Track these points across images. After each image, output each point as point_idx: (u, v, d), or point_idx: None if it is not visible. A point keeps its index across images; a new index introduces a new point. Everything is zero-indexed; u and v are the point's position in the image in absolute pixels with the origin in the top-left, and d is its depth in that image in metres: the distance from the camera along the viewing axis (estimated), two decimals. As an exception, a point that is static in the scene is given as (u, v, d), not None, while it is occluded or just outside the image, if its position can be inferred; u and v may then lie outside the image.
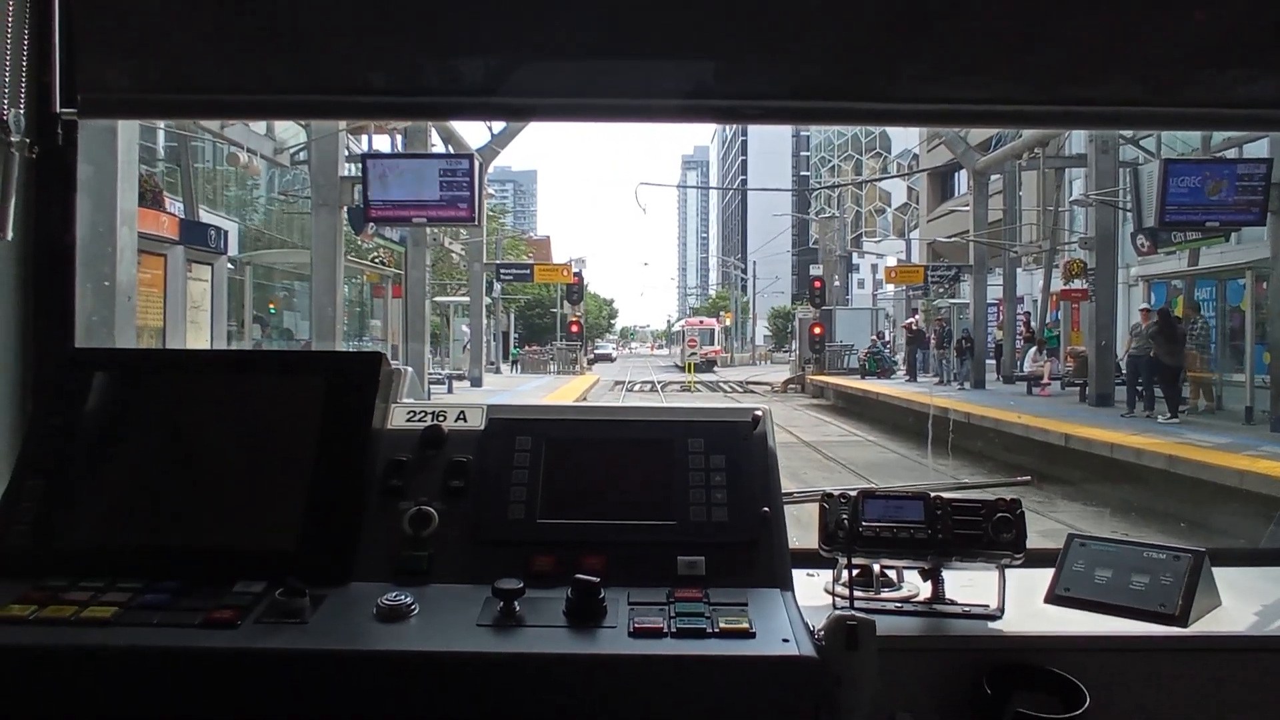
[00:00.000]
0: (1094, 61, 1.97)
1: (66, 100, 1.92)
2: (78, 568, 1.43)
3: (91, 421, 1.60)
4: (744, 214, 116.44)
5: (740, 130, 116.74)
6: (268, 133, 17.73)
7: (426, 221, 16.94)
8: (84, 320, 2.02)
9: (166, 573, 1.43)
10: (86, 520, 1.52)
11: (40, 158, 1.87)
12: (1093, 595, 1.77)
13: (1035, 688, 1.59)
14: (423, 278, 21.08)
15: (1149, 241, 18.00)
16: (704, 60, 1.98)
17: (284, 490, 1.53)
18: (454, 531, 1.54)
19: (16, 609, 1.33)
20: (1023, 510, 1.65)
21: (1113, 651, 1.66)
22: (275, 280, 23.97)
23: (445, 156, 17.59)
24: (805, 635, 1.32)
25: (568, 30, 1.95)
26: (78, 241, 1.98)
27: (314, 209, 17.12)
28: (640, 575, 1.46)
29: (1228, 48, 1.96)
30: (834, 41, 1.97)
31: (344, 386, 1.64)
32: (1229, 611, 1.77)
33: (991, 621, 1.69)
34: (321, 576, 1.43)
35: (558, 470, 1.61)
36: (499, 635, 1.32)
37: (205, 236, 17.20)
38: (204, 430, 1.64)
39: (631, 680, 1.28)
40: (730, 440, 1.65)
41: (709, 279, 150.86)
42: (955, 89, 2.01)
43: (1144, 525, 10.03)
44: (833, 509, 1.70)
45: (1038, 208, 26.58)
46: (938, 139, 31.60)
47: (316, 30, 1.95)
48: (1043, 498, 11.05)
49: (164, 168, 19.52)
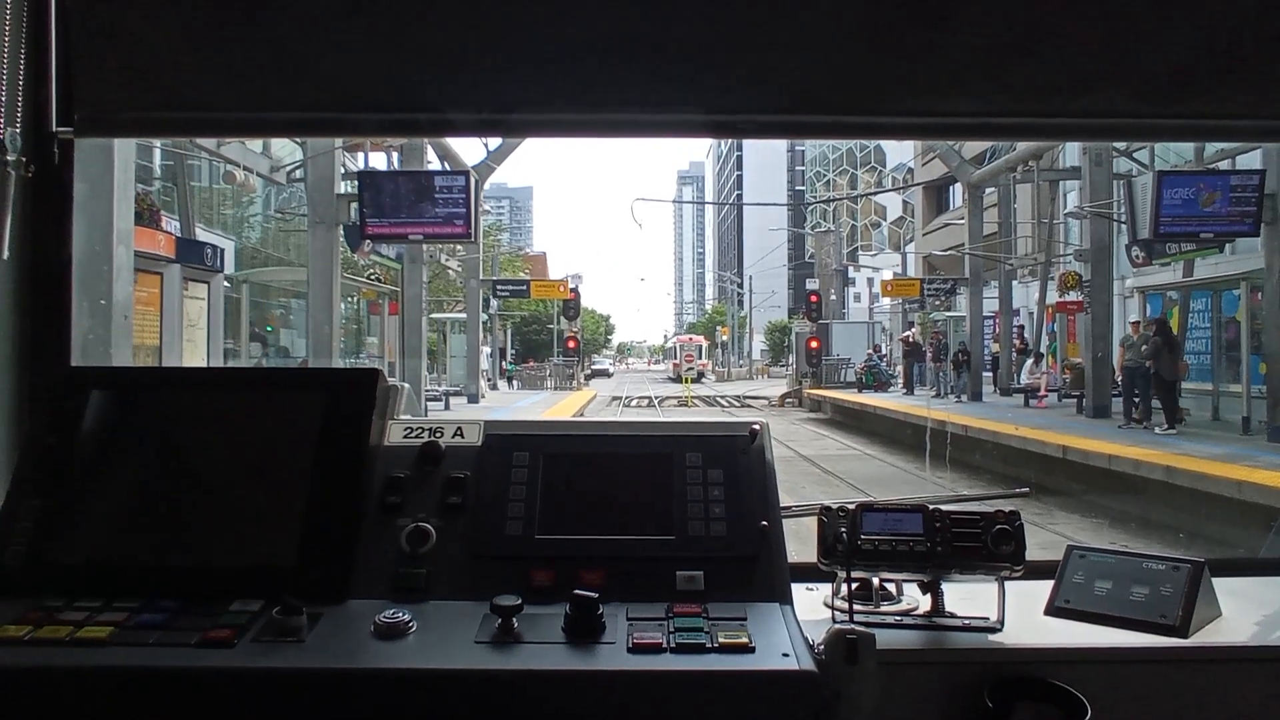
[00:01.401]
0: (1089, 73, 1.98)
1: (63, 119, 1.92)
2: (74, 587, 1.42)
3: (88, 439, 1.60)
4: (740, 229, 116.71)
5: (735, 145, 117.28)
6: (264, 151, 17.78)
7: (423, 239, 16.96)
8: (80, 339, 2.01)
9: (163, 591, 1.42)
10: (83, 539, 1.51)
11: (36, 177, 1.87)
12: (1093, 607, 1.77)
13: (1037, 700, 1.59)
14: (419, 295, 21.06)
15: (1144, 253, 18.08)
16: (699, 75, 1.99)
17: (281, 508, 1.52)
18: (452, 548, 1.53)
19: (12, 629, 1.32)
20: (1022, 522, 1.65)
21: (1114, 663, 1.66)
22: (272, 298, 23.98)
23: (441, 173, 17.60)
24: (805, 649, 1.31)
25: (564, 47, 1.95)
26: (74, 260, 1.98)
27: (310, 227, 17.15)
28: (639, 590, 1.46)
29: (1222, 59, 1.96)
30: (829, 55, 1.98)
31: (341, 403, 1.63)
32: (1229, 621, 1.76)
33: (992, 634, 1.68)
34: (319, 594, 1.42)
35: (555, 485, 1.61)
36: (497, 652, 1.31)
37: (202, 255, 17.18)
38: (200, 448, 1.63)
39: (631, 696, 1.27)
40: (728, 454, 1.65)
41: (705, 294, 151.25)
42: (950, 102, 2.02)
43: (1143, 536, 10.02)
44: (831, 522, 1.70)
45: (1033, 220, 26.73)
46: (932, 153, 31.74)
47: (313, 48, 1.96)
48: (1041, 509, 11.04)
49: (160, 186, 19.53)
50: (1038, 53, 1.96)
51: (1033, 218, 26.79)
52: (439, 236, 16.80)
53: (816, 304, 34.74)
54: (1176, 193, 15.11)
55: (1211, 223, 15.04)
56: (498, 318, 35.14)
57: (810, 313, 34.84)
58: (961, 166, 24.76)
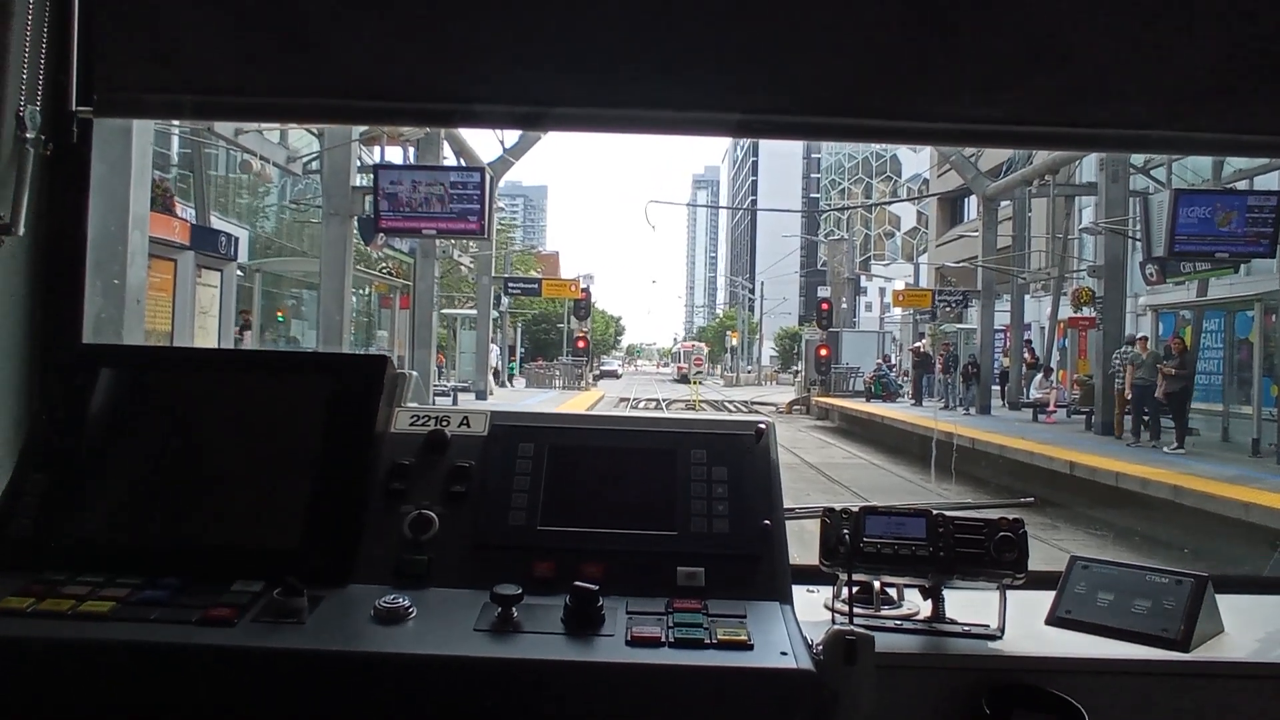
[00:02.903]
0: (1109, 84, 1.97)
1: (83, 98, 1.93)
2: (78, 562, 1.43)
3: (97, 417, 1.61)
4: (753, 234, 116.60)
5: (751, 150, 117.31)
6: (281, 141, 17.79)
7: (436, 234, 16.98)
8: (92, 319, 2.02)
9: (166, 569, 1.43)
10: (88, 514, 1.52)
11: (55, 155, 1.88)
12: (1094, 618, 1.76)
13: (1034, 709, 1.58)
14: (431, 289, 21.12)
15: (1158, 271, 17.98)
16: (721, 75, 1.99)
17: (286, 490, 1.53)
18: (454, 536, 1.54)
19: (15, 601, 1.33)
20: (1025, 530, 1.64)
21: (1113, 675, 1.65)
22: (284, 288, 24.04)
23: (457, 169, 17.64)
24: (803, 649, 1.31)
25: (585, 39, 1.96)
26: (89, 241, 1.99)
27: (324, 218, 17.20)
28: (639, 585, 1.46)
29: (1244, 72, 1.95)
30: (849, 58, 1.98)
31: (349, 389, 1.64)
32: (1231, 637, 1.75)
33: (992, 641, 1.68)
34: (321, 577, 1.43)
35: (559, 478, 1.61)
36: (496, 640, 1.31)
37: (216, 242, 17.23)
38: (208, 428, 1.64)
39: (628, 689, 1.28)
40: (733, 452, 1.65)
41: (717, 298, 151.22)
42: (968, 108, 2.01)
43: (1147, 553, 9.97)
44: (834, 524, 1.70)
45: (1047, 235, 26.62)
46: (948, 164, 31.64)
47: (333, 34, 1.96)
48: (1046, 522, 11.00)
49: (177, 173, 19.63)
50: (1057, 61, 1.96)
51: (1047, 232, 26.68)
52: (452, 232, 16.82)
53: (827, 312, 34.73)
54: (1193, 211, 15.02)
55: (1227, 242, 14.95)
56: (508, 315, 35.19)
57: (821, 320, 34.83)
58: (977, 179, 24.67)
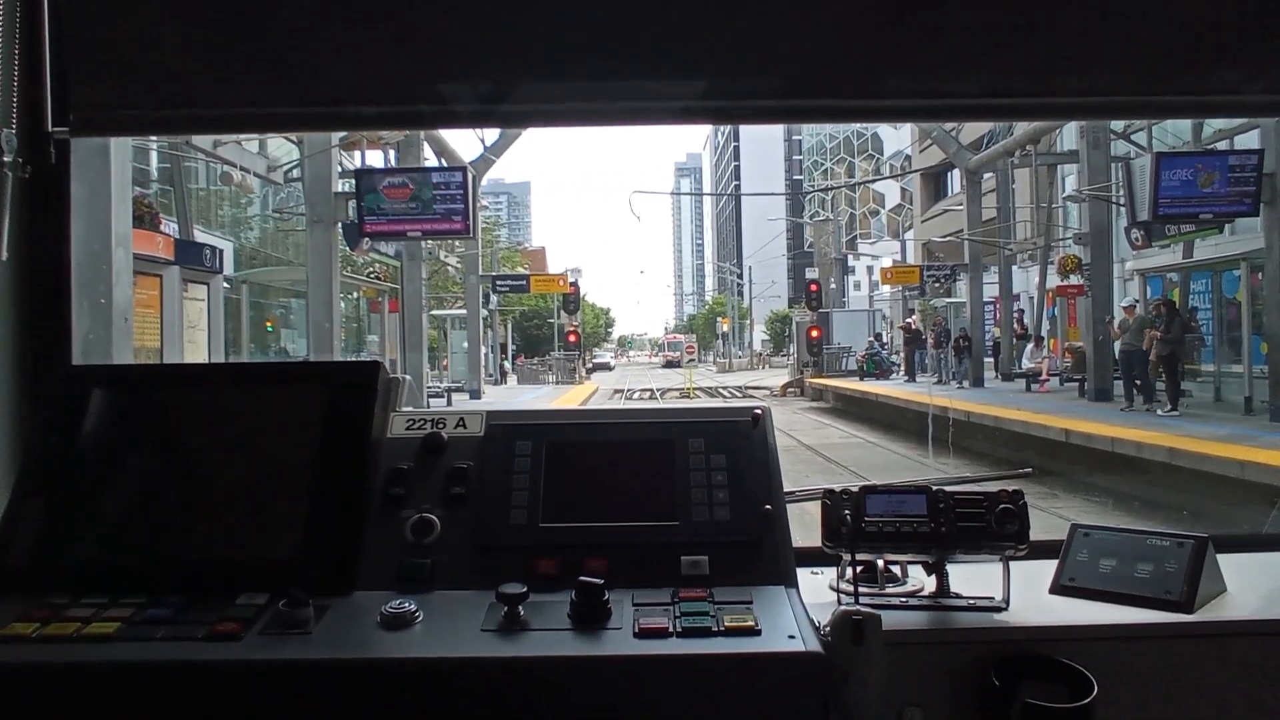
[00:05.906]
0: (1086, 51, 1.97)
1: (58, 119, 1.92)
2: (80, 584, 1.43)
3: (91, 437, 1.60)
4: (738, 219, 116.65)
5: (732, 135, 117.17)
6: (260, 150, 17.75)
7: (421, 235, 16.96)
8: (81, 340, 2.01)
9: (169, 587, 1.42)
10: (88, 536, 1.51)
11: (33, 177, 1.87)
12: (1097, 584, 1.77)
13: (1043, 678, 1.59)
14: (419, 291, 21.07)
15: (1143, 235, 18.04)
16: (696, 62, 1.99)
17: (285, 501, 1.53)
18: (456, 538, 1.54)
19: (20, 627, 1.33)
20: (1025, 501, 1.65)
21: (1119, 640, 1.66)
22: (272, 298, 23.99)
23: (438, 170, 17.58)
24: (811, 631, 1.31)
25: (560, 37, 1.95)
26: (73, 261, 1.98)
27: (308, 226, 17.13)
28: (644, 576, 1.46)
29: (1219, 34, 1.96)
30: (825, 39, 1.97)
31: (343, 396, 1.63)
32: (1234, 597, 1.76)
33: (997, 613, 1.68)
34: (324, 586, 1.42)
35: (559, 474, 1.61)
36: (504, 640, 1.31)
37: (201, 256, 17.16)
38: (204, 443, 1.63)
39: (638, 681, 1.28)
40: (730, 439, 1.65)
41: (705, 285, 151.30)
42: (948, 83, 2.01)
43: (1147, 517, 10.02)
44: (835, 505, 1.70)
45: (1031, 205, 26.69)
46: (930, 139, 31.67)
47: (307, 42, 1.95)
48: (1045, 492, 11.05)
49: (157, 189, 19.52)
50: (1035, 32, 1.96)
51: (1031, 202, 26.77)
52: (437, 233, 16.82)
53: (816, 293, 34.72)
54: (1175, 174, 15.08)
55: (1210, 203, 15.01)
56: (498, 313, 35.14)
57: (810, 302, 34.84)
58: (959, 152, 24.70)
